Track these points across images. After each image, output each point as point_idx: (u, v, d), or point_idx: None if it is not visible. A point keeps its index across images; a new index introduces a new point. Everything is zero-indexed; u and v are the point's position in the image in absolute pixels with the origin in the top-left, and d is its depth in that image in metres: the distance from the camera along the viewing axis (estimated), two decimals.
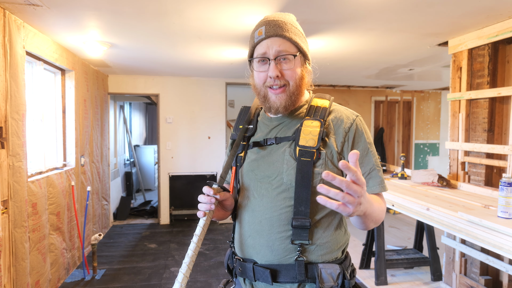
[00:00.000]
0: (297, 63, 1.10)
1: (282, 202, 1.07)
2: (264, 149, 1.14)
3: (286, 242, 1.06)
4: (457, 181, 3.06)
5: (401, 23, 2.75)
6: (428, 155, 7.29)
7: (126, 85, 5.41)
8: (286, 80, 1.08)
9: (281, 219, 1.07)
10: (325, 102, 1.15)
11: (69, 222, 3.57)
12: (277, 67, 1.07)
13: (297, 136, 1.08)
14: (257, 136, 1.18)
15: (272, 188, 1.09)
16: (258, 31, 1.10)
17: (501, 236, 1.82)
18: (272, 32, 1.08)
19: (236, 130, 1.23)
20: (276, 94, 1.09)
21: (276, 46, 1.07)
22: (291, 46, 1.08)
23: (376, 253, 3.32)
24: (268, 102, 1.11)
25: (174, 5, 2.38)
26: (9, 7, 2.39)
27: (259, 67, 1.10)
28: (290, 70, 1.08)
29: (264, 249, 1.09)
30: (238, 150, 1.18)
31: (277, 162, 1.10)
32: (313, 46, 3.45)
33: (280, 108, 1.10)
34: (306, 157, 1.05)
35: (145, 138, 9.75)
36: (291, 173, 1.06)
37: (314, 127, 1.08)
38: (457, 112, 3.13)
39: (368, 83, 6.39)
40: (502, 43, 2.82)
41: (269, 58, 1.08)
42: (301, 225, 1.04)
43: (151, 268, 3.82)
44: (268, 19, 1.11)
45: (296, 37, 1.10)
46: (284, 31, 1.08)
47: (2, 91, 2.36)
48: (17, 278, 2.50)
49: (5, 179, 2.37)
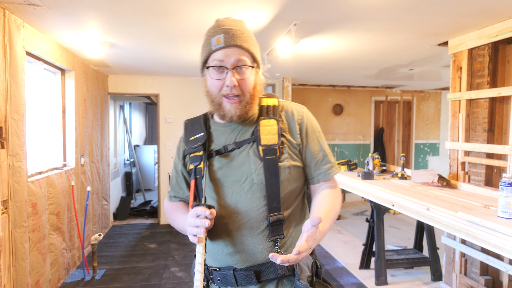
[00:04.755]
0: (253, 74, 1.12)
1: (258, 202, 1.09)
2: (227, 156, 1.14)
3: (265, 241, 1.09)
4: (457, 181, 3.06)
5: (401, 23, 2.75)
6: (428, 155, 7.29)
7: (126, 85, 5.41)
8: (241, 90, 1.09)
9: (259, 219, 1.09)
10: (274, 100, 1.19)
11: (69, 222, 3.57)
12: (234, 76, 1.07)
13: (257, 137, 1.12)
14: (214, 145, 1.17)
15: (244, 191, 1.10)
16: (216, 39, 1.09)
17: (501, 236, 1.82)
18: (231, 42, 1.08)
19: (188, 144, 1.20)
20: (231, 103, 1.09)
21: (234, 56, 1.07)
22: (248, 56, 1.10)
23: (376, 253, 3.32)
24: (223, 110, 1.11)
25: (174, 5, 2.37)
26: (9, 7, 2.38)
27: (215, 74, 1.09)
28: (245, 80, 1.09)
29: (244, 253, 1.10)
30: (195, 162, 1.17)
31: (244, 164, 1.11)
32: (313, 46, 3.45)
33: (234, 117, 1.11)
34: (271, 155, 1.10)
35: (145, 138, 9.75)
36: (260, 172, 1.09)
37: (271, 126, 1.13)
38: (457, 112, 3.13)
39: (368, 83, 6.39)
40: (502, 43, 2.82)
41: (226, 67, 1.08)
42: (277, 220, 1.08)
43: (151, 268, 3.82)
44: (226, 27, 1.10)
45: (253, 48, 1.11)
46: (243, 42, 1.09)
47: (2, 91, 2.35)
48: (17, 278, 2.50)
49: (5, 179, 2.37)
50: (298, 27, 2.76)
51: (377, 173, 3.85)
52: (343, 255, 4.14)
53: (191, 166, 1.17)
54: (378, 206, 3.34)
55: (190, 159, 1.19)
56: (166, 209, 1.31)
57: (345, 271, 3.69)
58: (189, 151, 1.19)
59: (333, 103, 6.81)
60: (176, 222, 1.21)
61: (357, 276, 3.55)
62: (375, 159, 3.86)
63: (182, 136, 1.25)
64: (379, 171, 3.91)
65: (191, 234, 1.02)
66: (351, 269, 3.72)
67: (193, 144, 1.18)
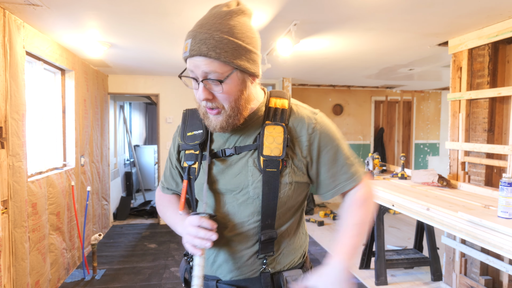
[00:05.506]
0: (233, 82, 0.93)
1: (250, 217, 1.01)
2: (224, 161, 1.03)
3: (253, 257, 1.03)
4: (457, 181, 3.06)
5: (401, 23, 2.75)
6: (428, 155, 7.29)
7: (126, 85, 5.41)
8: (219, 103, 0.95)
9: (248, 235, 1.02)
10: (284, 102, 1.05)
11: (69, 222, 3.57)
12: (205, 89, 0.93)
13: (260, 145, 0.99)
14: (213, 145, 1.06)
15: (237, 202, 1.01)
16: (185, 45, 0.94)
17: (501, 236, 1.82)
18: (196, 51, 0.90)
19: (184, 139, 1.08)
20: (212, 115, 0.97)
21: (202, 66, 0.91)
22: (221, 65, 0.90)
23: (376, 253, 3.32)
24: (207, 121, 0.99)
25: (173, 5, 2.37)
26: (9, 7, 2.38)
27: (193, 83, 0.96)
28: (221, 93, 0.93)
29: (229, 266, 1.04)
30: (189, 160, 1.07)
31: (241, 174, 1.00)
32: (313, 46, 3.45)
33: (216, 129, 0.99)
34: (272, 168, 0.97)
35: (145, 138, 9.75)
36: (258, 186, 0.98)
37: (277, 134, 0.99)
38: (457, 112, 3.13)
39: (368, 83, 6.39)
40: (502, 43, 2.82)
41: (197, 78, 0.94)
42: (269, 238, 1.01)
43: (151, 268, 3.82)
44: (195, 30, 0.93)
45: (228, 54, 0.90)
46: (210, 50, 0.89)
47: (2, 91, 2.36)
48: (17, 278, 2.50)
49: (5, 179, 2.37)
50: (298, 27, 2.76)
51: (377, 173, 3.86)
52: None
53: (185, 164, 1.08)
54: (378, 206, 3.34)
55: (185, 156, 1.08)
56: (158, 198, 1.25)
57: None
58: (185, 147, 1.08)
59: (333, 103, 6.81)
60: (167, 217, 1.15)
61: (357, 276, 3.55)
62: (375, 159, 3.86)
63: (179, 127, 1.14)
64: (379, 171, 3.91)
65: (191, 244, 0.95)
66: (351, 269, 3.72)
67: (190, 140, 1.07)
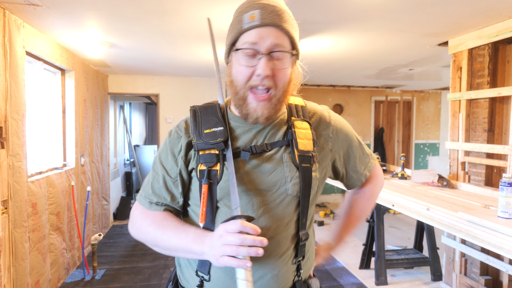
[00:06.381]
0: (290, 63, 0.91)
1: (289, 218, 0.93)
2: (255, 158, 0.93)
3: (288, 263, 0.93)
4: (457, 181, 3.06)
5: (401, 23, 2.75)
6: (428, 155, 7.29)
7: (126, 85, 5.41)
8: (274, 82, 0.88)
9: (287, 237, 0.92)
10: (299, 100, 1.04)
11: (69, 222, 3.57)
12: (268, 64, 0.86)
13: (294, 140, 0.93)
14: (238, 143, 0.94)
15: (275, 203, 0.91)
16: (249, 15, 0.87)
17: (501, 236, 1.82)
18: (269, 20, 0.86)
19: (201, 137, 0.92)
20: (258, 101, 0.88)
21: (271, 38, 0.86)
22: (287, 41, 0.89)
23: (376, 253, 3.32)
24: (247, 108, 0.90)
25: (174, 5, 2.37)
26: (9, 7, 2.38)
27: (245, 60, 0.88)
28: (282, 71, 0.88)
29: (265, 280, 0.90)
30: (208, 162, 0.91)
31: (277, 171, 0.92)
32: (313, 46, 3.45)
33: (260, 119, 0.90)
34: (306, 163, 0.93)
35: (145, 138, 9.75)
36: (296, 182, 0.92)
37: (306, 129, 0.96)
38: (457, 112, 3.13)
39: (368, 83, 6.39)
40: (502, 43, 2.82)
41: (259, 51, 0.86)
42: (306, 239, 0.95)
43: (151, 268, 3.82)
44: (263, 2, 0.88)
45: (294, 31, 0.91)
46: (283, 22, 0.87)
47: (2, 91, 2.35)
48: (17, 278, 2.50)
49: (5, 179, 2.37)
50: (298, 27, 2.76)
51: None
52: (343, 255, 4.14)
53: (203, 167, 0.91)
54: (378, 206, 3.34)
55: (201, 157, 0.92)
56: (142, 219, 1.01)
57: (345, 271, 3.69)
58: (203, 146, 0.92)
59: (333, 103, 6.81)
60: (168, 238, 0.94)
61: (357, 276, 3.55)
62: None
63: (184, 126, 0.98)
64: None
65: (235, 254, 0.78)
66: (351, 269, 3.72)
67: (209, 138, 0.91)
